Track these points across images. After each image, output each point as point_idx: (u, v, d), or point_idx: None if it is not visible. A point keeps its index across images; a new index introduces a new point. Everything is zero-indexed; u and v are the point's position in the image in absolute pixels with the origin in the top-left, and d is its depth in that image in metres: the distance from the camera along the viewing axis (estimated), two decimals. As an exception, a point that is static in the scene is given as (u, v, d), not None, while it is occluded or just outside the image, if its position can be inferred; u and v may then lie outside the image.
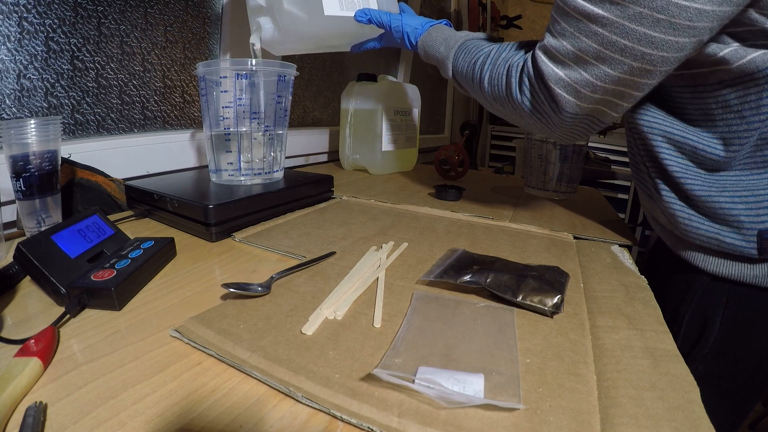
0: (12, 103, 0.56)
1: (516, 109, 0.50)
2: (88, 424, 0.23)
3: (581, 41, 0.40)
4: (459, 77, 0.59)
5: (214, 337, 0.31)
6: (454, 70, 0.59)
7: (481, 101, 0.57)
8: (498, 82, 0.51)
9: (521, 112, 0.50)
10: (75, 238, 0.40)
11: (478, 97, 0.57)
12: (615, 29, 0.38)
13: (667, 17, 0.35)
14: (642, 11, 0.36)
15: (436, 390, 0.25)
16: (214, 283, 0.40)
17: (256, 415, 0.24)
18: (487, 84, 0.53)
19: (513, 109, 0.51)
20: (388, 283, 0.41)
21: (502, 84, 0.51)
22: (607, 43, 0.39)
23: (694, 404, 0.26)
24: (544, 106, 0.46)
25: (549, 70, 0.44)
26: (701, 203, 0.46)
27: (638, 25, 0.36)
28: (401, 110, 1.00)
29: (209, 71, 0.59)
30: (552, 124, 0.48)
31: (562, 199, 0.82)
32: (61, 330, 0.32)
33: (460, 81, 0.60)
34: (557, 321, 0.36)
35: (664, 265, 0.58)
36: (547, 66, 0.44)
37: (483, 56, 0.54)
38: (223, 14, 0.84)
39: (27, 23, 0.56)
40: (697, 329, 0.52)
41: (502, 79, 0.51)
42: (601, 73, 0.41)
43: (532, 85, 0.47)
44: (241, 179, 0.63)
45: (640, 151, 0.51)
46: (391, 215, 0.65)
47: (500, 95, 0.51)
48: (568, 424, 0.24)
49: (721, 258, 0.47)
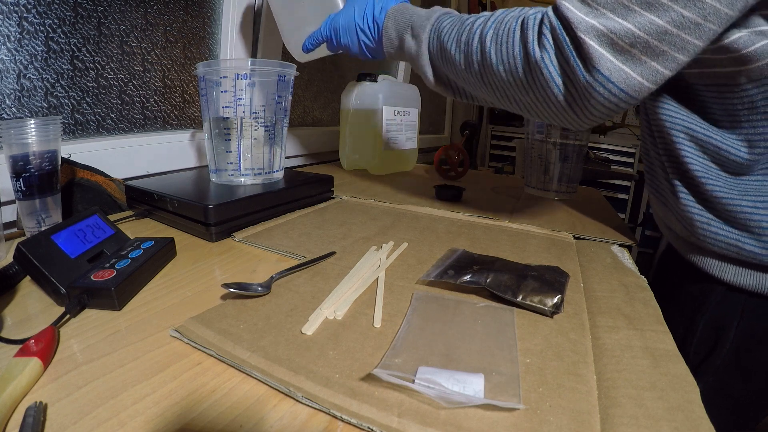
0: (12, 103, 0.56)
1: (533, 79, 0.40)
2: (88, 424, 0.23)
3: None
4: (442, 58, 0.48)
5: (214, 337, 0.31)
6: (430, 43, 0.48)
7: (478, 87, 0.47)
8: (508, 40, 0.41)
9: (538, 81, 0.40)
10: (75, 238, 0.40)
11: (473, 79, 0.46)
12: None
13: None
14: None
15: (436, 390, 0.25)
16: (214, 283, 0.40)
17: (256, 415, 0.24)
18: (491, 47, 0.42)
19: (527, 81, 0.41)
20: (388, 283, 0.41)
21: (515, 40, 0.41)
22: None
23: (694, 404, 0.26)
24: (571, 65, 0.38)
25: (578, 18, 0.36)
26: (721, 207, 0.43)
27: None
28: (401, 110, 1.00)
29: (209, 71, 0.59)
30: (578, 96, 0.39)
31: (562, 199, 0.82)
32: (61, 330, 0.32)
33: (439, 54, 0.48)
34: (557, 321, 0.36)
35: (675, 274, 0.56)
36: (575, 14, 0.36)
37: (480, 21, 0.44)
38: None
39: (27, 23, 0.56)
40: (711, 340, 0.50)
41: (514, 35, 0.41)
42: (645, 22, 0.34)
43: (555, 36, 0.38)
44: (241, 179, 0.63)
45: (659, 149, 0.48)
46: (391, 215, 0.65)
47: (511, 58, 0.41)
48: (568, 424, 0.24)
49: (738, 266, 0.46)
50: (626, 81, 0.37)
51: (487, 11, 0.47)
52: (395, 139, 1.00)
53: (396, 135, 1.00)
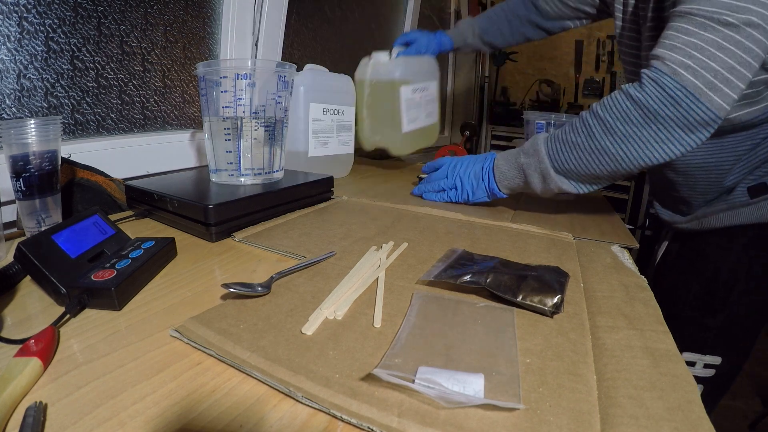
0: (12, 103, 0.56)
1: (642, 114, 0.51)
2: (88, 424, 0.23)
3: (705, 37, 0.47)
4: (558, 147, 0.58)
5: (214, 337, 0.31)
6: (551, 153, 0.59)
7: (599, 159, 0.56)
8: (612, 98, 0.53)
9: (647, 114, 0.50)
10: (75, 238, 0.40)
11: (594, 151, 0.55)
12: (733, 28, 0.45)
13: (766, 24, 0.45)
14: (752, 18, 0.45)
15: (436, 390, 0.25)
16: (214, 283, 0.40)
17: (256, 415, 0.24)
18: (602, 110, 0.54)
19: (638, 117, 0.51)
20: (388, 283, 0.41)
21: (621, 97, 0.53)
22: (728, 38, 0.46)
23: (694, 404, 0.26)
24: (673, 96, 0.48)
25: (674, 58, 0.48)
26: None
27: (750, 27, 0.45)
28: (419, 86, 0.94)
29: (209, 71, 0.59)
30: (681, 121, 0.49)
31: (562, 200, 0.82)
32: (61, 330, 0.32)
33: (560, 150, 0.58)
34: (557, 321, 0.36)
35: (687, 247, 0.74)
36: (672, 56, 0.48)
37: (583, 113, 0.57)
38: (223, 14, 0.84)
39: (27, 23, 0.56)
40: (725, 293, 0.65)
41: (618, 96, 0.53)
42: (719, 59, 0.46)
43: (654, 80, 0.50)
44: (241, 179, 0.63)
45: None
46: (391, 215, 0.65)
47: (621, 109, 0.52)
48: (568, 424, 0.24)
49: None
50: (711, 101, 0.48)
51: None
52: (415, 118, 0.93)
53: (416, 114, 0.93)
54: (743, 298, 0.65)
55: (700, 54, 0.47)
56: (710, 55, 0.47)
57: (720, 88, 0.47)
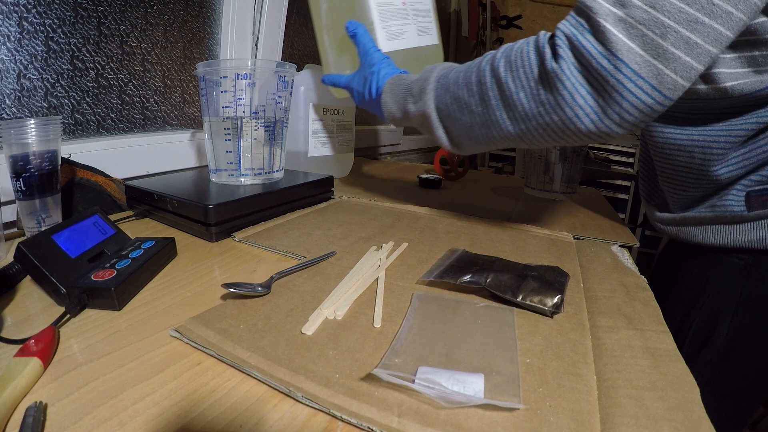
0: (12, 103, 0.56)
1: (557, 95, 0.37)
2: (88, 424, 0.23)
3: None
4: (449, 95, 0.45)
5: (214, 337, 0.31)
6: (437, 93, 0.46)
7: (488, 128, 0.43)
8: (523, 64, 0.39)
9: (562, 96, 0.37)
10: (75, 238, 0.40)
11: (484, 116, 0.43)
12: None
13: None
14: None
15: (436, 390, 0.25)
16: (214, 283, 0.40)
17: (256, 415, 0.24)
18: (507, 76, 0.39)
19: (552, 100, 0.38)
20: (388, 283, 0.41)
21: (530, 61, 0.38)
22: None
23: (694, 404, 0.26)
24: (593, 61, 0.35)
25: (602, 8, 0.34)
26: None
27: None
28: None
29: (209, 71, 0.59)
30: (609, 95, 0.35)
31: (562, 200, 0.82)
32: (61, 330, 0.32)
33: (452, 102, 0.45)
34: (557, 321, 0.36)
35: (673, 267, 0.57)
36: (600, 4, 0.34)
37: (488, 58, 0.42)
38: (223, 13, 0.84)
39: (27, 23, 0.56)
40: (705, 333, 0.50)
41: (528, 57, 0.38)
42: (675, 10, 0.32)
43: (571, 43, 0.36)
44: (241, 179, 0.63)
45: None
46: (391, 215, 0.65)
47: (530, 81, 0.38)
48: (568, 424, 0.24)
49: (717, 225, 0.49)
50: (658, 77, 0.33)
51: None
52: (400, 33, 0.66)
53: (400, 27, 0.66)
54: (728, 352, 0.49)
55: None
56: (658, 1, 0.32)
57: (675, 56, 0.33)
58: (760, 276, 0.47)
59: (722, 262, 0.50)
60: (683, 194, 0.51)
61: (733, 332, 0.49)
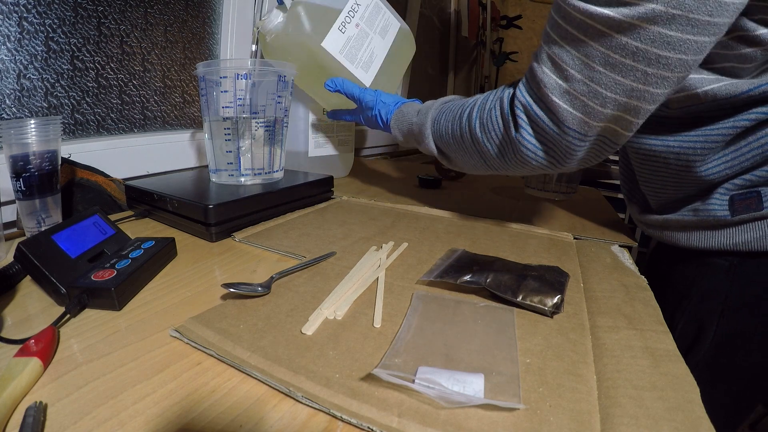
0: (12, 103, 0.56)
1: (517, 152, 0.45)
2: (88, 424, 0.23)
3: (587, 45, 0.35)
4: (443, 141, 0.53)
5: (214, 337, 0.31)
6: (434, 136, 0.54)
7: (477, 163, 0.51)
8: (491, 122, 0.46)
9: (523, 154, 0.44)
10: (75, 238, 0.40)
11: (472, 157, 0.51)
12: (624, 30, 0.33)
13: (684, 12, 0.31)
14: (655, 8, 0.31)
15: (436, 390, 0.25)
16: (214, 283, 0.40)
17: (256, 415, 0.24)
18: (480, 132, 0.47)
19: (514, 154, 0.45)
20: (388, 283, 0.41)
21: (497, 122, 0.45)
22: (616, 46, 0.34)
23: (694, 404, 0.26)
24: (546, 129, 0.41)
25: (550, 81, 0.39)
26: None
27: (651, 24, 0.32)
28: (348, 13, 0.67)
29: (209, 71, 0.59)
30: (560, 155, 0.43)
31: (562, 199, 0.82)
32: (61, 330, 0.32)
33: (445, 146, 0.53)
34: (557, 321, 0.36)
35: (664, 268, 0.57)
36: (548, 77, 0.39)
37: (470, 106, 0.49)
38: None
39: (27, 23, 0.56)
40: (691, 337, 0.50)
41: (495, 118, 0.45)
42: (611, 83, 0.36)
43: (527, 111, 0.42)
44: (241, 179, 0.63)
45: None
46: (391, 215, 0.65)
47: (497, 139, 0.46)
48: (568, 424, 0.24)
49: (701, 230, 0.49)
50: (602, 138, 0.40)
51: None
52: (372, 54, 0.69)
53: (368, 47, 0.69)
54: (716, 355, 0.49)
55: (581, 74, 0.36)
56: (595, 76, 0.36)
57: (617, 117, 0.37)
58: (746, 278, 0.46)
59: (708, 264, 0.49)
60: (664, 196, 0.51)
61: (720, 336, 0.48)
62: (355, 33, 0.67)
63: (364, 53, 0.69)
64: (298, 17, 0.63)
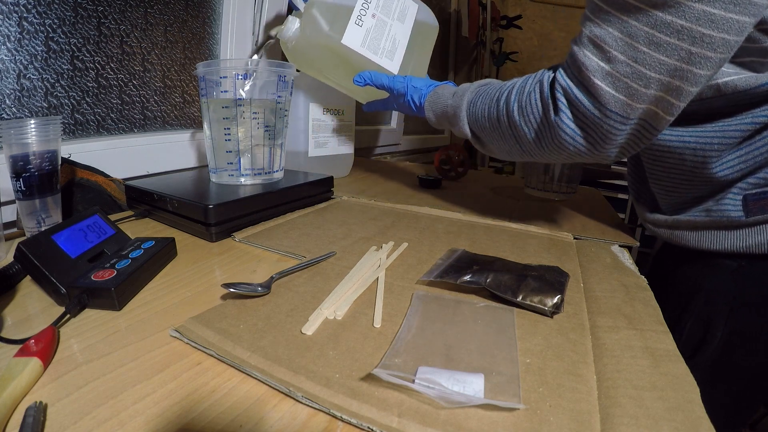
0: (12, 103, 0.56)
1: (555, 136, 0.43)
2: (88, 424, 0.23)
3: (630, 25, 0.35)
4: (478, 124, 0.52)
5: (214, 337, 0.31)
6: (470, 119, 0.53)
7: (512, 148, 0.49)
8: (530, 105, 0.44)
9: (561, 138, 0.43)
10: (75, 238, 0.40)
11: (507, 142, 0.49)
12: (669, 8, 0.33)
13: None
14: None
15: (436, 390, 0.25)
16: (214, 283, 0.40)
17: (256, 415, 0.24)
18: (518, 115, 0.46)
19: (552, 138, 0.44)
20: (388, 283, 0.41)
21: (536, 105, 0.44)
22: (661, 24, 0.34)
23: (694, 404, 0.26)
24: (587, 113, 0.40)
25: (592, 64, 0.38)
26: None
27: (695, 1, 0.32)
28: (364, 3, 0.66)
29: (209, 71, 0.59)
30: (599, 139, 0.41)
31: (562, 199, 0.82)
32: (61, 330, 0.32)
33: (480, 129, 0.52)
34: (557, 321, 0.36)
35: (666, 268, 0.57)
36: (589, 59, 0.38)
37: (508, 89, 0.48)
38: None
39: (27, 23, 0.56)
40: (698, 338, 0.50)
41: (534, 101, 0.44)
42: (655, 62, 0.35)
43: (567, 95, 0.41)
44: (241, 179, 0.63)
45: None
46: (391, 215, 0.65)
47: (535, 122, 0.44)
48: (568, 424, 0.24)
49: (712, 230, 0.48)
50: (643, 123, 0.38)
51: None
52: (395, 42, 0.69)
53: (391, 36, 0.68)
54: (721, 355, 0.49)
55: (625, 54, 0.36)
56: (639, 56, 0.35)
57: (659, 98, 0.37)
58: (755, 279, 0.46)
59: (716, 265, 0.49)
60: (675, 195, 0.51)
61: (727, 336, 0.48)
62: (373, 23, 0.66)
63: (386, 42, 0.68)
64: (314, 19, 0.63)
